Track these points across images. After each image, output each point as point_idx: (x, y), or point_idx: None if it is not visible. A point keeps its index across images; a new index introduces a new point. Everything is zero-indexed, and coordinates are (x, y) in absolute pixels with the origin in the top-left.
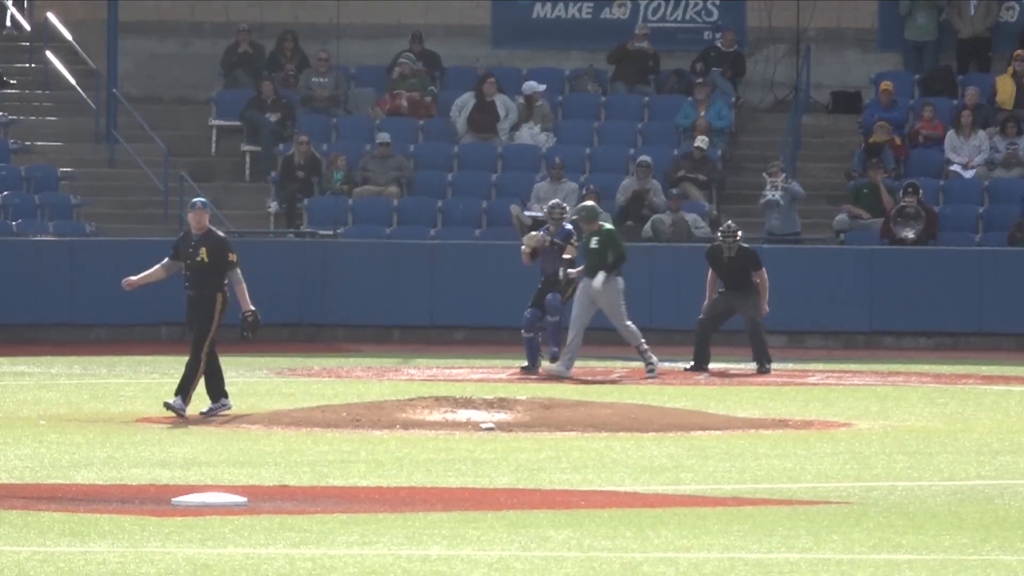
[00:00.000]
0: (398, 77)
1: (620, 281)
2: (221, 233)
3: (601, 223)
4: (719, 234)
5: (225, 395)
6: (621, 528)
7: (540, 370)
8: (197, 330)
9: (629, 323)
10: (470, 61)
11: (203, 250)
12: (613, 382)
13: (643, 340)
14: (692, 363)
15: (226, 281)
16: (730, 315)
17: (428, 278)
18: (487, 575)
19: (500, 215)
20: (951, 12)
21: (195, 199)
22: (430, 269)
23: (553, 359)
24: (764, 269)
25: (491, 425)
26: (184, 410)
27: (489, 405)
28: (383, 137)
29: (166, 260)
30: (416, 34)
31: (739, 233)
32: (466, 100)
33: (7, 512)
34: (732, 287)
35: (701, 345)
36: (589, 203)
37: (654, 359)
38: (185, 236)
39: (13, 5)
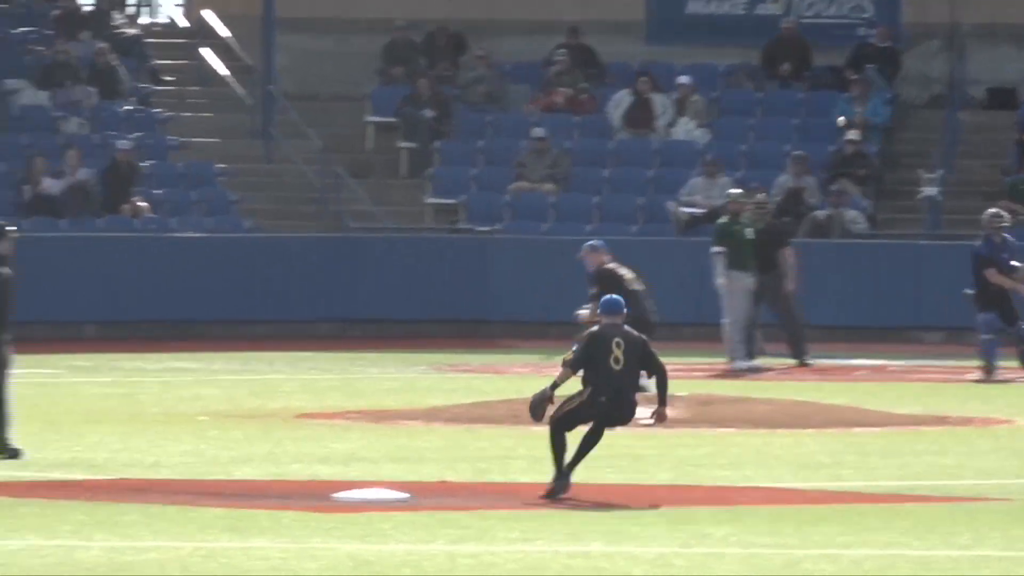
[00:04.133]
0: (554, 74)
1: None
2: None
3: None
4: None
5: None
6: (781, 524)
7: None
8: None
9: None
10: (625, 57)
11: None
12: (772, 378)
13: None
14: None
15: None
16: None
17: (585, 274)
18: (648, 572)
19: (657, 211)
20: None
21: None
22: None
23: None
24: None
25: (650, 421)
26: None
27: (648, 401)
28: (539, 132)
29: None
30: (573, 29)
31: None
32: (622, 96)
33: (169, 507)
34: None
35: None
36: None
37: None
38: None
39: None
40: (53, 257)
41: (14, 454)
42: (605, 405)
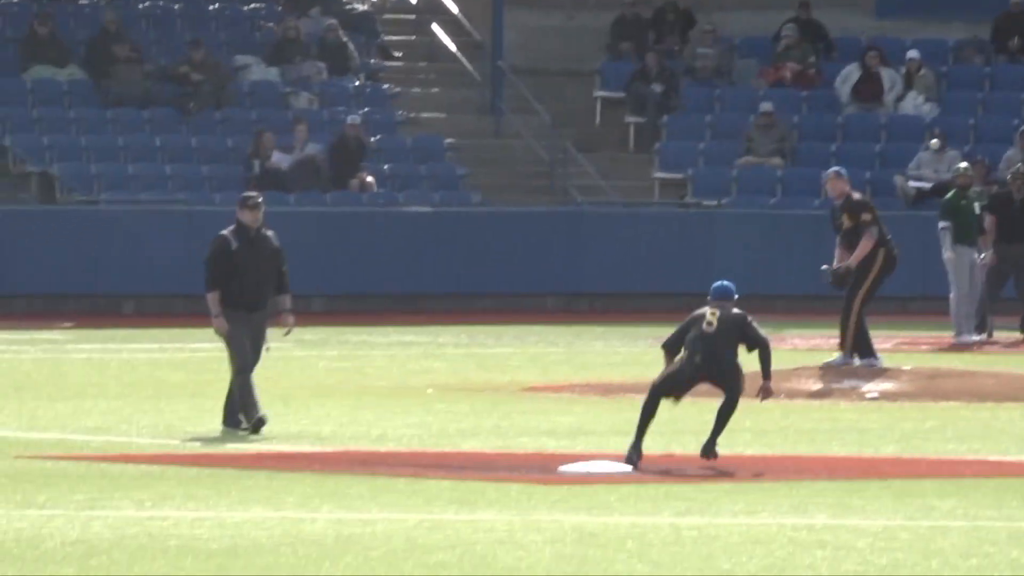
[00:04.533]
0: (782, 48)
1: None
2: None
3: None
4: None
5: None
6: (1007, 498)
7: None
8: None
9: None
10: (854, 32)
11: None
12: (998, 352)
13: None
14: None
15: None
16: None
17: (812, 248)
18: (873, 544)
19: (884, 185)
20: None
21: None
22: (814, 240)
23: None
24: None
25: (876, 394)
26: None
27: (873, 375)
28: (766, 107)
29: None
30: (804, 3)
31: None
32: (850, 71)
33: (396, 479)
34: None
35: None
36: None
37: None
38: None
39: None
40: (281, 230)
41: (260, 423)
42: (699, 364)
